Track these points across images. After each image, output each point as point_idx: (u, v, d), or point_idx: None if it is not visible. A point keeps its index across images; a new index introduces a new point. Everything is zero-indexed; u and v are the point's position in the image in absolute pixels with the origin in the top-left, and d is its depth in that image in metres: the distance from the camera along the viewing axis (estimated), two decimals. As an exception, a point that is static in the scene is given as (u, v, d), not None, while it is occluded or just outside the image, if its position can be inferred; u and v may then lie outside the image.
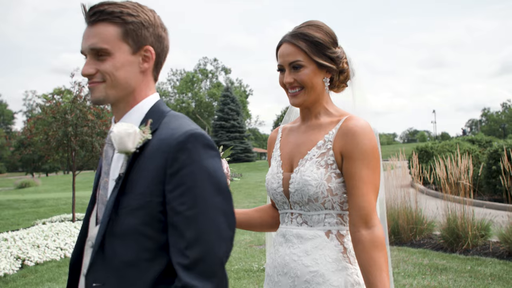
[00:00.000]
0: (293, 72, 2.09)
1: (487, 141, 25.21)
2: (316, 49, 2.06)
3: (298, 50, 2.06)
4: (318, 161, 2.03)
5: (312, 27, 2.10)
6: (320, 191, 1.99)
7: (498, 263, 7.29)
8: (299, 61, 2.07)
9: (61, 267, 8.46)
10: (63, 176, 53.90)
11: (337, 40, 2.15)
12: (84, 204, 18.84)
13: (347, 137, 2.01)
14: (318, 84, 2.09)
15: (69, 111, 12.70)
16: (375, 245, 1.90)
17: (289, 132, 2.29)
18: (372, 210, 1.94)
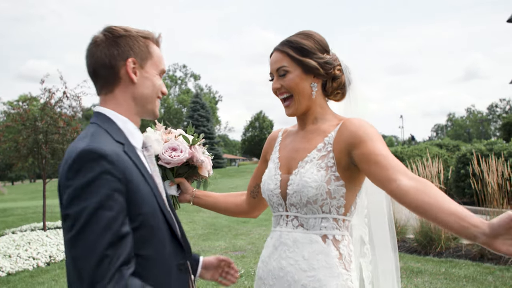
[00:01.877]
0: (280, 78, 2.14)
1: (454, 145, 25.65)
2: (301, 55, 2.10)
3: (283, 56, 2.13)
4: (318, 163, 2.05)
5: (301, 35, 2.15)
6: (320, 193, 2.00)
7: (471, 264, 7.44)
8: (284, 67, 2.12)
9: (34, 277, 8.30)
10: (29, 184, 52.99)
11: (327, 47, 2.18)
12: (54, 212, 18.46)
13: (351, 128, 2.02)
14: (306, 89, 2.12)
15: (39, 118, 12.50)
16: (428, 185, 1.75)
17: (287, 136, 2.32)
18: (406, 169, 1.85)
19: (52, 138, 12.68)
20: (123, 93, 1.77)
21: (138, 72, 1.77)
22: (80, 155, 1.53)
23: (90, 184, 1.50)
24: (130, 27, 1.81)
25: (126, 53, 1.74)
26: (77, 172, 1.51)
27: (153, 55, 1.82)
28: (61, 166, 1.59)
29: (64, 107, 13.26)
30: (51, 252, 9.70)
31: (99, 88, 1.79)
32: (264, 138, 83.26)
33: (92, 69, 1.77)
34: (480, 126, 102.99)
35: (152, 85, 1.81)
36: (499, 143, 14.82)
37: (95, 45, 1.76)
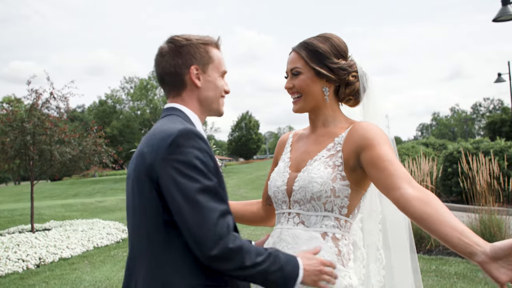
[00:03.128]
0: (293, 78, 2.19)
1: (440, 144, 25.87)
2: (315, 58, 2.14)
3: (298, 58, 2.18)
4: (326, 161, 2.08)
5: (319, 38, 2.19)
6: (324, 189, 2.03)
7: (461, 262, 7.50)
8: (297, 68, 2.17)
9: (24, 279, 8.25)
10: (14, 187, 52.48)
11: (344, 53, 2.20)
12: (40, 214, 18.36)
13: (361, 131, 2.06)
14: (316, 92, 2.16)
15: (27, 119, 12.40)
16: (431, 197, 1.80)
17: (299, 139, 2.35)
18: (411, 177, 1.89)
19: (39, 139, 12.60)
20: (189, 96, 1.96)
21: (201, 77, 1.95)
22: (182, 133, 1.70)
23: (198, 160, 1.69)
24: (191, 35, 1.98)
25: (189, 61, 1.92)
26: (180, 147, 1.68)
27: (214, 59, 1.98)
28: (151, 146, 1.73)
29: (51, 108, 13.19)
30: (40, 254, 9.63)
31: (167, 92, 2.00)
32: (250, 139, 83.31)
33: (160, 77, 1.98)
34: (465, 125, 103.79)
35: (215, 87, 1.98)
36: (486, 141, 14.97)
37: (161, 56, 1.96)
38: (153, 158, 1.69)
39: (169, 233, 1.71)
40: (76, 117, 74.22)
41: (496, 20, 13.16)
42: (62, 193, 35.30)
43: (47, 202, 25.10)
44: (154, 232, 1.73)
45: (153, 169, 1.69)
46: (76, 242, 10.93)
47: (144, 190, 1.73)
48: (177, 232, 1.70)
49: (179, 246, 1.71)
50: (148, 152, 1.72)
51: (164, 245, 1.72)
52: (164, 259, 1.72)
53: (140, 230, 1.78)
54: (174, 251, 1.72)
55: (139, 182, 1.75)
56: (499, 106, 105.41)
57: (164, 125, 1.80)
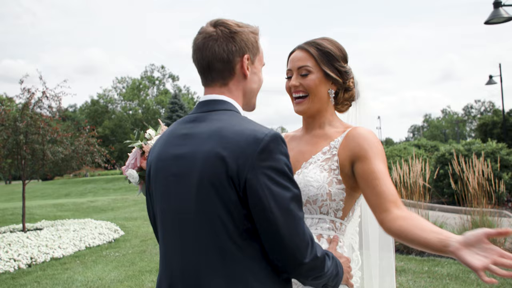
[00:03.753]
0: (300, 77, 2.15)
1: (432, 145, 25.96)
2: (326, 59, 2.14)
3: (308, 56, 2.15)
4: (322, 165, 2.08)
5: (326, 40, 2.19)
6: (320, 193, 2.03)
7: (453, 263, 7.53)
8: (307, 67, 2.14)
9: (15, 278, 8.20)
10: (4, 186, 52.26)
11: (347, 58, 2.23)
12: (32, 214, 18.29)
13: (357, 140, 2.06)
14: (322, 93, 2.15)
15: (20, 118, 12.35)
16: (413, 214, 1.85)
17: (291, 140, 2.34)
18: (398, 197, 1.93)
19: (32, 139, 12.54)
20: (236, 86, 1.82)
21: (249, 68, 1.83)
22: (272, 138, 1.61)
23: (287, 166, 1.63)
24: (241, 23, 1.86)
25: (243, 49, 1.80)
26: (272, 153, 1.60)
27: (260, 51, 1.89)
28: (232, 150, 1.60)
29: (43, 107, 13.14)
30: (32, 254, 9.58)
31: (211, 80, 1.82)
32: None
33: (208, 61, 1.80)
34: (456, 127, 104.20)
35: (258, 80, 1.90)
36: (477, 143, 15.05)
37: (212, 39, 1.78)
38: (238, 163, 1.56)
39: (246, 241, 1.62)
40: (68, 116, 73.88)
41: (488, 22, 13.24)
42: (53, 192, 35.21)
43: (38, 202, 25.04)
44: (229, 241, 1.60)
45: (239, 175, 1.57)
46: (68, 242, 10.88)
47: (224, 197, 1.59)
48: (253, 240, 1.63)
49: (255, 254, 1.63)
50: (230, 156, 1.57)
51: (240, 254, 1.62)
52: (240, 269, 1.62)
53: (207, 240, 1.62)
54: (250, 259, 1.63)
55: (215, 187, 1.59)
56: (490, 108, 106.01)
57: (236, 125, 1.66)
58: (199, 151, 1.64)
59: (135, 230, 13.46)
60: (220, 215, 1.60)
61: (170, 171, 1.72)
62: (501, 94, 29.23)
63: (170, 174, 1.72)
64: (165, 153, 1.76)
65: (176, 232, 1.71)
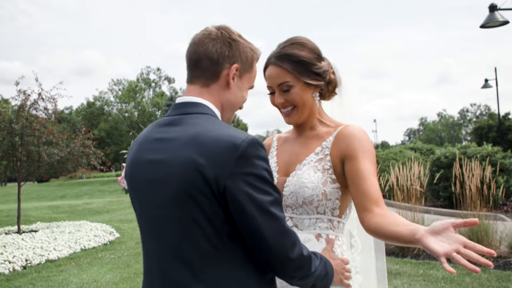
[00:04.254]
0: (283, 93, 2.13)
1: (427, 149, 26.00)
2: (302, 68, 2.10)
3: (285, 72, 2.10)
4: (315, 166, 2.10)
5: (296, 45, 2.13)
6: (316, 194, 2.05)
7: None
8: (287, 82, 2.10)
9: (10, 280, 8.18)
10: (0, 188, 52.12)
11: (321, 54, 2.19)
12: (27, 215, 18.24)
13: (347, 139, 2.08)
14: (308, 100, 2.14)
15: (15, 120, 12.32)
16: (391, 213, 1.87)
17: (284, 142, 2.35)
18: (378, 197, 1.94)
19: (27, 141, 12.51)
20: (217, 92, 1.79)
21: (235, 79, 1.81)
22: (250, 144, 1.59)
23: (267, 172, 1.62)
24: (243, 36, 1.87)
25: (235, 58, 1.79)
26: (250, 159, 1.58)
27: (253, 70, 1.88)
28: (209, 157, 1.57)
29: (39, 109, 13.12)
30: (27, 256, 9.55)
31: (195, 76, 1.81)
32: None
33: (197, 57, 1.79)
34: (452, 131, 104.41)
35: (241, 96, 1.87)
36: (473, 146, 15.08)
37: (209, 38, 1.79)
38: (216, 170, 1.54)
39: (227, 245, 1.62)
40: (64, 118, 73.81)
41: (483, 26, 13.29)
42: (49, 194, 35.14)
43: (34, 204, 25.00)
44: (209, 246, 1.60)
45: (218, 182, 1.54)
46: (63, 244, 10.85)
47: (202, 203, 1.57)
48: (234, 244, 1.63)
49: (237, 258, 1.64)
50: (207, 164, 1.55)
51: (221, 258, 1.62)
52: (221, 274, 1.62)
53: (186, 246, 1.61)
54: (232, 263, 1.64)
55: (191, 195, 1.57)
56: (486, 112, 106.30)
57: (212, 130, 1.63)
58: (175, 157, 1.62)
59: (130, 232, 13.43)
60: (199, 222, 1.59)
61: (145, 177, 1.70)
62: (497, 97, 29.34)
63: (146, 180, 1.70)
64: (140, 158, 1.75)
65: (155, 240, 1.70)
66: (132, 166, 1.78)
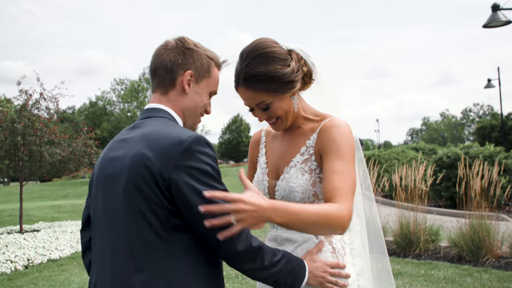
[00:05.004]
0: (263, 111, 2.10)
1: (430, 149, 25.98)
2: (274, 85, 2.01)
3: (257, 93, 2.03)
4: (302, 167, 2.08)
5: (259, 59, 2.02)
6: (306, 196, 2.04)
7: (449, 266, 7.54)
8: (264, 102, 2.06)
9: (12, 280, 8.18)
10: (4, 187, 52.18)
11: (286, 54, 2.07)
12: (29, 215, 18.25)
13: (324, 135, 2.06)
14: (290, 107, 2.11)
15: (17, 120, 12.34)
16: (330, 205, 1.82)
17: (273, 139, 2.33)
18: (338, 196, 1.87)
19: (29, 140, 12.52)
20: (175, 98, 1.93)
21: (192, 85, 1.93)
22: (195, 140, 1.68)
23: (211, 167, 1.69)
24: (201, 44, 1.99)
25: (188, 65, 1.91)
26: (194, 154, 1.66)
27: (211, 76, 1.98)
28: (157, 151, 1.67)
29: (41, 108, 13.13)
30: (29, 255, 9.56)
31: (155, 86, 1.95)
32: (241, 141, 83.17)
33: (154, 67, 1.94)
34: (454, 130, 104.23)
35: (200, 101, 1.97)
36: (475, 146, 15.06)
37: (165, 49, 1.93)
38: (162, 163, 1.63)
39: (172, 237, 1.67)
40: (66, 118, 73.92)
41: (486, 26, 13.26)
42: (51, 194, 35.16)
43: (36, 203, 25.00)
44: (155, 238, 1.66)
45: (163, 175, 1.63)
46: (65, 244, 10.87)
47: (148, 195, 1.65)
48: (179, 237, 1.68)
49: (183, 250, 1.69)
50: (154, 157, 1.65)
51: (166, 250, 1.67)
52: (165, 265, 1.67)
53: (133, 237, 1.68)
54: (178, 255, 1.68)
55: (138, 186, 1.66)
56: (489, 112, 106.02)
57: (164, 129, 1.75)
58: (128, 152, 1.74)
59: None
60: (145, 213, 1.66)
61: (105, 173, 1.82)
62: (499, 97, 29.27)
63: (106, 175, 1.81)
64: (104, 157, 1.88)
65: (107, 231, 1.78)
66: (98, 165, 1.91)
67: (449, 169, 14.02)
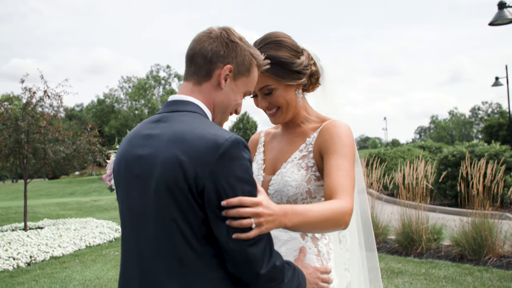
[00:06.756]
0: (266, 96, 2.10)
1: (436, 147, 25.88)
2: (281, 70, 2.05)
3: (264, 76, 2.04)
4: (299, 163, 2.08)
5: (271, 44, 2.07)
6: (300, 192, 2.03)
7: (451, 265, 7.50)
8: (268, 86, 2.07)
9: (14, 277, 8.22)
10: (11, 184, 52.41)
11: (298, 49, 2.14)
12: (35, 212, 18.34)
13: (325, 134, 2.06)
14: (292, 99, 2.12)
15: (21, 117, 12.38)
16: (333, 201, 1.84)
17: (272, 138, 2.33)
18: (340, 190, 1.88)
19: (33, 138, 12.56)
20: (209, 91, 1.77)
21: (228, 81, 1.78)
22: (233, 144, 1.55)
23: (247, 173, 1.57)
24: (245, 39, 1.84)
25: (229, 58, 1.76)
26: (232, 160, 1.54)
27: (250, 75, 1.83)
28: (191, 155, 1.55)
29: (45, 106, 13.16)
30: (31, 252, 9.60)
31: (191, 74, 1.80)
32: (248, 139, 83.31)
33: (193, 53, 1.79)
34: (463, 129, 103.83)
35: (234, 99, 1.82)
36: (481, 145, 14.97)
37: (208, 36, 1.78)
38: (197, 169, 1.52)
39: (204, 247, 1.58)
40: (75, 115, 74.19)
41: (492, 23, 13.17)
42: (58, 191, 35.30)
43: (42, 201, 25.11)
44: (186, 247, 1.57)
45: (197, 181, 1.52)
46: (68, 241, 10.90)
47: (181, 202, 1.55)
48: (211, 247, 1.58)
49: (213, 262, 1.59)
50: (188, 162, 1.53)
51: (198, 261, 1.58)
52: (197, 277, 1.58)
53: (164, 245, 1.59)
54: (209, 267, 1.59)
55: (171, 192, 1.55)
56: (497, 110, 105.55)
57: (197, 128, 1.62)
58: (159, 153, 1.61)
59: (136, 229, 13.43)
60: (177, 220, 1.56)
61: (132, 172, 1.70)
62: (507, 95, 29.08)
63: (133, 175, 1.69)
64: (129, 153, 1.73)
65: (135, 236, 1.68)
66: (120, 162, 1.77)
67: (454, 168, 13.93)
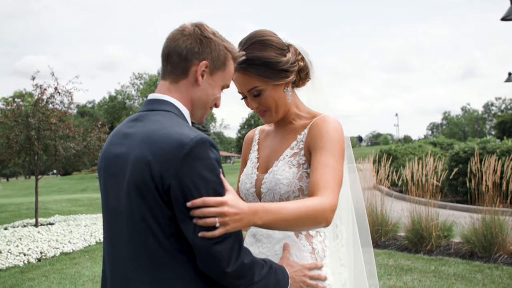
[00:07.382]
0: (256, 98, 2.09)
1: (448, 143, 25.72)
2: (268, 70, 2.03)
3: (251, 77, 2.04)
4: (290, 161, 2.06)
5: (256, 45, 2.05)
6: (292, 190, 2.02)
7: (461, 263, 7.44)
8: (256, 88, 2.05)
9: (24, 272, 8.28)
10: (24, 181, 52.91)
11: (284, 46, 2.11)
12: (46, 208, 18.47)
13: (314, 131, 2.04)
14: (281, 98, 2.10)
15: (32, 114, 12.46)
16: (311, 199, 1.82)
17: (266, 136, 2.32)
18: (323, 187, 1.86)
19: (44, 134, 12.63)
20: (186, 89, 1.79)
21: (205, 76, 1.80)
22: (198, 143, 1.56)
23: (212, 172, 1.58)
24: (219, 34, 1.85)
25: (204, 55, 1.77)
26: (197, 159, 1.56)
27: (226, 69, 1.85)
28: (157, 154, 1.57)
29: (56, 103, 13.23)
30: (42, 248, 9.67)
31: (167, 73, 1.82)
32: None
33: (168, 51, 1.80)
34: (476, 125, 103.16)
35: (212, 93, 1.84)
36: (492, 141, 14.85)
37: (181, 34, 1.79)
38: (162, 167, 1.54)
39: (174, 245, 1.60)
40: (86, 112, 74.54)
41: (504, 19, 13.03)
42: (70, 187, 35.55)
43: (54, 197, 25.29)
44: (156, 245, 1.59)
45: (163, 179, 1.55)
46: (79, 237, 10.97)
47: (148, 199, 1.58)
48: (181, 245, 1.60)
49: (184, 259, 1.61)
50: (155, 161, 1.56)
51: (168, 259, 1.60)
52: (168, 275, 1.60)
53: (135, 243, 1.62)
54: (179, 265, 1.61)
55: (140, 190, 1.59)
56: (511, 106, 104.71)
57: (167, 128, 1.64)
58: (131, 153, 1.65)
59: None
60: (146, 218, 1.59)
61: (110, 171, 1.75)
62: (520, 91, 28.80)
63: (110, 173, 1.74)
64: (108, 152, 1.78)
65: (111, 235, 1.73)
66: (101, 160, 1.82)
67: (465, 164, 13.82)
